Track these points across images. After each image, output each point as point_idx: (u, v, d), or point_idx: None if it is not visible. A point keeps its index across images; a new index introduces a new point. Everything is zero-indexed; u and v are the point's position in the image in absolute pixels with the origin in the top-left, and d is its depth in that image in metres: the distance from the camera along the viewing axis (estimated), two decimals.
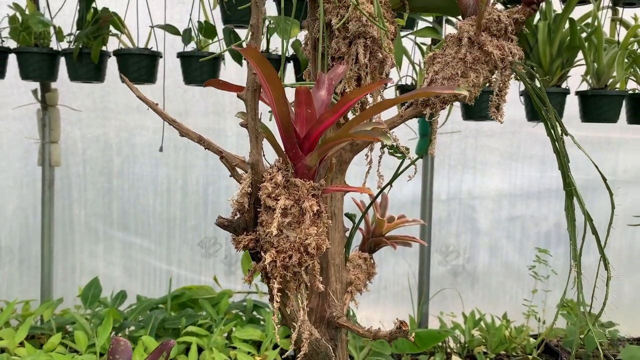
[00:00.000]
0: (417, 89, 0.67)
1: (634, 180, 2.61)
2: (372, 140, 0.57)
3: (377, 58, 0.83)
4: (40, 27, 2.05)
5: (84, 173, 2.64)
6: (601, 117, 2.09)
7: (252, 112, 0.56)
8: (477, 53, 0.78)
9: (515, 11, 0.79)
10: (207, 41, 2.19)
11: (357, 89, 0.73)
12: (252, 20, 0.56)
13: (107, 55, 2.17)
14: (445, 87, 0.65)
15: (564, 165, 0.83)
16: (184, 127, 0.81)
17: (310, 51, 0.91)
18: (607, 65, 2.09)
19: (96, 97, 2.55)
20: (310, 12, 0.88)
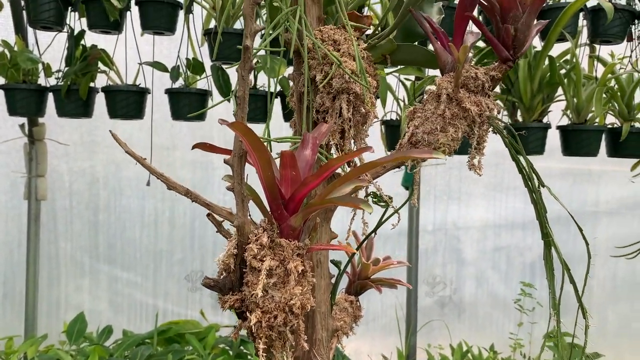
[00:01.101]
0: (398, 152, 0.70)
1: (615, 211, 2.66)
2: (355, 207, 0.59)
3: (360, 112, 0.86)
4: (29, 65, 2.07)
5: (71, 206, 2.63)
6: (582, 151, 2.14)
7: (239, 177, 0.58)
8: (455, 109, 0.81)
9: (492, 68, 0.83)
10: (195, 77, 2.22)
11: (340, 156, 0.75)
12: (238, 92, 0.59)
13: (95, 91, 2.19)
14: (424, 151, 0.68)
15: (541, 215, 0.85)
16: (171, 180, 0.82)
17: (295, 103, 0.93)
18: (586, 101, 2.15)
19: (84, 130, 2.56)
20: (295, 66, 0.91)
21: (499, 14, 0.81)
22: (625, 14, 2.10)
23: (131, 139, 2.59)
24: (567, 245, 2.69)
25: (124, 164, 2.59)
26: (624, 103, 2.19)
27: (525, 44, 0.82)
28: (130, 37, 2.19)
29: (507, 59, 0.83)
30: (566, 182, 2.63)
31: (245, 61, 0.56)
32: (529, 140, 2.15)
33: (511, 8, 0.80)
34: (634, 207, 2.49)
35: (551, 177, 2.63)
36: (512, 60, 0.83)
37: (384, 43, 0.93)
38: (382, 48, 0.94)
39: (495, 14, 0.82)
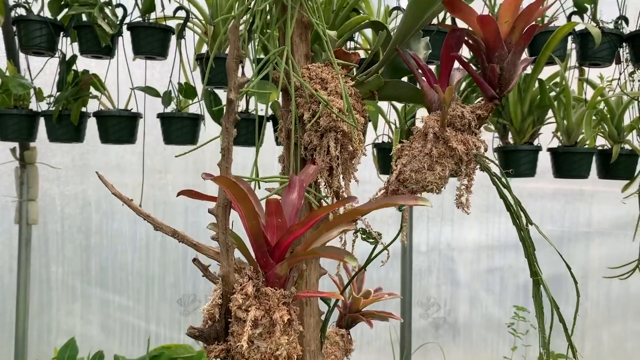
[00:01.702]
0: (384, 198, 0.70)
1: (607, 231, 2.67)
2: (338, 259, 0.59)
3: (348, 150, 0.86)
4: (20, 90, 2.07)
5: (62, 230, 2.62)
6: (572, 173, 2.15)
7: (223, 226, 0.58)
8: (442, 148, 0.81)
9: (478, 107, 0.83)
10: (187, 102, 2.22)
11: (325, 206, 0.75)
12: (222, 143, 0.59)
13: (87, 115, 2.19)
14: (408, 198, 0.68)
15: (530, 254, 0.85)
16: (157, 221, 0.82)
17: (284, 139, 0.93)
18: (576, 123, 2.16)
19: (75, 154, 2.55)
20: (283, 103, 0.91)
21: (484, 53, 0.82)
22: (613, 37, 2.13)
23: (123, 162, 2.59)
24: (560, 266, 2.69)
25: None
26: (614, 125, 2.20)
27: (511, 82, 0.82)
28: (122, 61, 2.19)
29: (493, 97, 0.83)
30: (558, 202, 2.64)
31: (229, 113, 0.56)
32: (520, 162, 2.16)
33: (497, 48, 0.80)
34: (626, 227, 2.49)
35: (543, 197, 2.64)
36: (498, 98, 0.83)
37: (371, 79, 0.94)
38: (370, 84, 0.94)
39: (481, 53, 0.82)
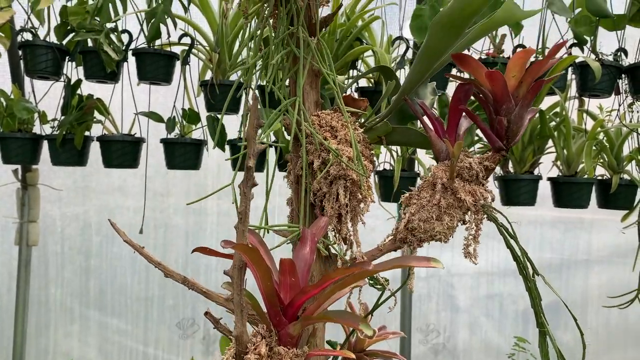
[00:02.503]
0: (396, 259, 0.71)
1: (607, 259, 2.68)
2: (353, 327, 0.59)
3: (357, 198, 0.87)
4: (25, 115, 2.08)
5: (62, 251, 2.61)
6: (572, 203, 2.16)
7: (238, 287, 0.59)
8: (450, 199, 0.82)
9: (486, 158, 0.84)
10: (191, 127, 2.24)
11: (340, 270, 0.76)
12: (240, 206, 0.60)
13: (90, 139, 2.20)
14: (421, 260, 0.69)
15: (536, 304, 0.86)
16: (168, 269, 0.83)
17: (292, 183, 0.94)
18: (576, 154, 2.18)
19: (77, 176, 2.56)
20: (293, 149, 0.93)
21: (492, 106, 0.84)
22: (612, 70, 2.16)
23: (125, 185, 2.60)
24: (560, 292, 2.69)
25: (117, 210, 2.58)
26: (613, 155, 2.22)
27: (518, 134, 0.84)
28: (126, 85, 2.20)
29: (500, 149, 0.84)
30: (558, 230, 2.65)
31: (247, 179, 0.57)
32: (520, 191, 2.17)
33: (504, 101, 0.82)
34: (626, 255, 2.50)
35: (543, 224, 2.65)
36: (505, 150, 0.85)
37: (380, 126, 0.95)
38: (379, 130, 0.96)
39: (489, 105, 0.84)
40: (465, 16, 0.79)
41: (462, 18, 0.80)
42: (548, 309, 1.26)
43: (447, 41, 0.83)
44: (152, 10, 2.05)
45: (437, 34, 0.82)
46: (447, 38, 0.82)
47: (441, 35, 0.82)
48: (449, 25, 0.81)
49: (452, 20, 0.80)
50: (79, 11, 2.12)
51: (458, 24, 0.81)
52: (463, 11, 0.79)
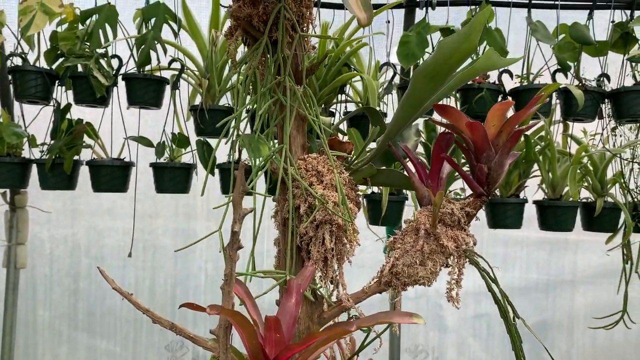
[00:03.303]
0: (380, 314, 0.72)
1: (592, 279, 2.71)
2: None
3: (343, 242, 0.89)
4: (14, 140, 2.08)
5: (51, 273, 2.61)
6: (557, 226, 2.20)
7: (224, 347, 0.60)
8: (433, 245, 0.84)
9: (467, 204, 0.87)
10: (180, 151, 2.25)
11: (324, 331, 0.78)
12: (225, 269, 0.61)
13: (79, 164, 2.20)
14: (404, 315, 0.71)
15: (517, 348, 0.88)
16: (156, 315, 0.84)
17: (280, 225, 0.96)
18: (561, 177, 2.22)
19: (66, 198, 2.56)
20: (280, 191, 0.94)
21: (473, 153, 0.86)
22: (595, 95, 2.20)
23: (114, 207, 2.60)
24: (546, 312, 2.73)
25: (106, 232, 2.58)
26: (597, 179, 2.26)
27: (498, 180, 0.86)
28: (116, 108, 2.21)
29: (481, 194, 0.87)
30: (544, 250, 2.68)
31: (233, 243, 0.59)
32: (507, 215, 2.21)
33: (484, 149, 0.84)
34: (611, 275, 2.54)
35: (529, 245, 2.68)
36: (486, 195, 0.87)
37: (365, 168, 0.97)
38: (364, 172, 0.98)
39: (470, 153, 0.86)
40: (447, 69, 0.82)
41: (444, 70, 0.82)
42: (535, 327, 1.28)
43: (430, 90, 0.85)
44: (142, 37, 2.07)
45: (420, 84, 0.85)
46: (429, 88, 0.85)
47: (424, 85, 0.85)
48: (432, 76, 0.84)
49: (435, 71, 0.83)
50: (69, 36, 2.13)
51: (440, 75, 0.83)
52: (445, 64, 0.81)
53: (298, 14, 0.90)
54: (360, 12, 0.73)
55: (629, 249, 2.28)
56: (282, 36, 0.88)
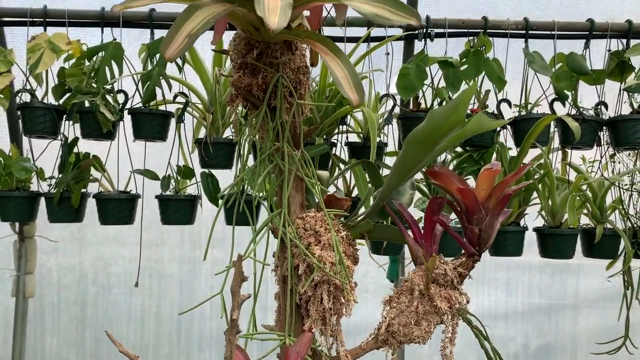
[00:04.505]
0: None
1: (594, 303, 2.73)
2: None
3: (340, 301, 0.92)
4: (23, 175, 2.13)
5: (58, 302, 2.65)
6: (558, 254, 2.22)
7: None
8: (427, 306, 0.87)
9: (460, 264, 0.90)
10: (185, 182, 2.29)
11: None
12: (225, 353, 0.65)
13: (87, 196, 2.25)
14: None
15: None
16: None
17: (280, 281, 1.00)
18: (560, 205, 2.24)
19: (74, 228, 2.60)
20: (280, 248, 0.98)
21: (464, 214, 0.90)
22: (593, 124, 2.23)
23: (121, 235, 2.64)
24: (549, 336, 2.74)
25: (113, 260, 2.63)
26: (596, 206, 2.29)
27: (489, 241, 0.89)
28: (122, 139, 2.25)
29: (473, 254, 0.90)
30: (546, 274, 2.70)
31: (232, 328, 0.62)
32: (507, 243, 2.23)
33: (475, 211, 0.88)
34: (613, 299, 2.55)
35: (531, 269, 2.70)
36: (478, 255, 0.90)
37: (362, 224, 1.01)
38: (361, 228, 1.01)
39: (462, 214, 0.90)
40: (436, 138, 0.85)
41: (434, 139, 0.86)
42: (538, 351, 1.29)
43: (421, 156, 0.89)
44: (148, 73, 2.12)
45: (412, 150, 0.89)
46: (420, 153, 0.89)
47: (415, 151, 0.88)
48: (423, 142, 0.87)
49: (425, 139, 0.87)
50: (76, 72, 2.18)
51: (430, 143, 0.87)
52: (434, 134, 0.85)
53: (295, 80, 0.94)
54: (353, 93, 0.77)
55: (630, 275, 2.29)
56: (280, 103, 0.92)
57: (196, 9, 0.74)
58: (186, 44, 0.71)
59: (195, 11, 0.74)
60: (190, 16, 0.73)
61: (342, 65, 0.79)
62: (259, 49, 0.90)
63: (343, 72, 0.78)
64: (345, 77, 0.78)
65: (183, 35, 0.71)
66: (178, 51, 0.71)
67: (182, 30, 0.71)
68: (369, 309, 2.88)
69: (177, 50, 0.71)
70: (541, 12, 2.44)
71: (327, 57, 0.80)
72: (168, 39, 0.71)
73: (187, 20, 0.73)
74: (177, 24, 0.72)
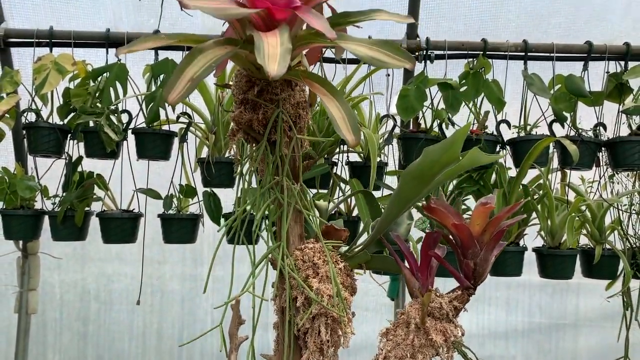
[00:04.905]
0: None
1: (595, 322, 2.73)
2: None
3: (338, 333, 0.94)
4: (27, 194, 2.16)
5: (61, 318, 2.66)
6: (557, 275, 2.23)
7: None
8: (423, 339, 0.89)
9: (455, 297, 0.92)
10: (187, 200, 2.31)
11: None
12: None
13: (90, 214, 2.27)
14: None
15: None
16: None
17: (278, 312, 1.01)
18: (559, 226, 2.26)
19: (77, 244, 2.62)
20: (278, 279, 1.00)
21: (460, 248, 0.91)
22: (592, 145, 2.25)
23: (123, 252, 2.66)
24: (550, 355, 2.74)
25: (115, 277, 2.64)
26: (595, 227, 2.30)
27: (483, 274, 0.91)
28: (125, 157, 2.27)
29: (468, 288, 0.92)
30: (546, 293, 2.71)
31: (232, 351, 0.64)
32: (507, 263, 2.24)
33: (470, 246, 0.90)
34: (613, 318, 2.55)
35: (531, 288, 2.71)
36: (473, 288, 0.92)
37: (360, 255, 1.03)
38: (359, 258, 1.03)
39: (457, 248, 0.92)
40: (431, 174, 0.87)
41: (429, 175, 0.88)
42: None
43: (417, 190, 0.91)
44: (152, 94, 2.15)
45: (408, 185, 0.91)
46: (416, 188, 0.91)
47: (411, 186, 0.90)
48: (419, 177, 0.90)
49: (421, 175, 0.89)
50: (81, 93, 2.22)
51: (426, 178, 0.89)
52: (429, 170, 0.87)
53: (295, 115, 0.96)
54: (350, 135, 0.79)
55: (629, 296, 2.30)
56: (280, 137, 0.94)
57: (199, 53, 0.77)
58: (188, 88, 0.74)
59: (197, 55, 0.77)
60: (193, 60, 0.76)
61: (339, 107, 0.81)
62: (260, 86, 0.92)
63: (340, 114, 0.81)
64: (342, 118, 0.81)
65: (185, 79, 0.74)
66: (180, 96, 0.73)
67: (185, 75, 0.74)
68: (369, 326, 2.89)
69: (180, 95, 0.73)
70: (540, 34, 2.47)
71: (325, 97, 0.83)
72: (171, 83, 0.73)
73: (189, 65, 0.75)
74: (180, 68, 0.75)
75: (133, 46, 0.78)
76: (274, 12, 0.80)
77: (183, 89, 0.74)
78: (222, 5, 0.73)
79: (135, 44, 0.78)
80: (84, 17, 2.40)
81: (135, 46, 0.78)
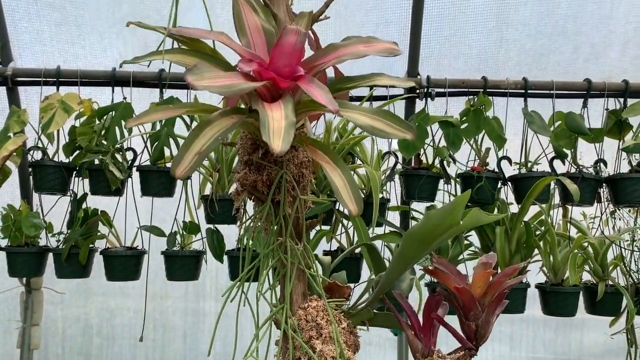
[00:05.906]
0: None
1: (600, 357, 2.71)
2: None
3: None
4: (32, 232, 2.17)
5: (63, 353, 2.66)
6: (560, 312, 2.22)
7: None
8: None
9: (457, 358, 0.93)
10: (191, 237, 2.32)
11: None
12: None
13: (94, 251, 2.28)
14: None
15: None
16: None
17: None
18: (562, 262, 2.26)
19: (80, 279, 2.62)
20: (282, 338, 1.01)
21: (462, 309, 0.92)
22: (593, 182, 2.26)
23: (126, 287, 2.67)
24: None
25: (118, 311, 2.64)
26: (598, 263, 2.30)
27: (485, 336, 0.92)
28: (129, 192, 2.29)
29: (470, 349, 0.93)
30: (550, 328, 2.70)
31: None
32: (509, 299, 2.23)
33: (472, 308, 0.91)
34: (618, 353, 2.54)
35: (535, 323, 2.70)
36: (475, 349, 0.93)
37: (363, 313, 1.04)
38: (362, 316, 1.04)
39: (459, 309, 0.93)
40: (432, 237, 0.89)
41: (430, 238, 0.89)
42: None
43: (419, 251, 0.92)
44: (157, 133, 2.18)
45: (410, 246, 0.92)
46: (418, 249, 0.92)
47: (414, 247, 0.92)
48: (421, 240, 0.91)
49: (422, 237, 0.90)
50: (86, 131, 2.25)
51: (427, 240, 0.90)
52: (430, 234, 0.89)
53: (298, 174, 0.98)
54: (352, 204, 0.81)
55: (633, 333, 2.29)
56: (283, 197, 0.96)
57: (206, 125, 0.79)
58: (196, 161, 0.76)
59: (205, 127, 0.79)
60: (200, 133, 0.78)
61: (342, 175, 0.83)
62: (264, 149, 0.95)
63: (342, 182, 0.83)
64: (344, 186, 0.82)
65: (193, 153, 0.76)
66: (188, 169, 0.75)
67: (192, 148, 0.76)
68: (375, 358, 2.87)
69: (187, 168, 0.75)
70: (540, 71, 2.50)
71: (328, 166, 0.85)
72: (178, 157, 0.75)
73: (197, 138, 0.77)
74: (187, 142, 0.77)
75: (141, 118, 0.80)
76: (279, 82, 0.83)
77: (190, 163, 0.75)
78: (229, 82, 0.76)
79: (143, 115, 0.81)
80: (90, 57, 2.44)
81: (143, 118, 0.80)
